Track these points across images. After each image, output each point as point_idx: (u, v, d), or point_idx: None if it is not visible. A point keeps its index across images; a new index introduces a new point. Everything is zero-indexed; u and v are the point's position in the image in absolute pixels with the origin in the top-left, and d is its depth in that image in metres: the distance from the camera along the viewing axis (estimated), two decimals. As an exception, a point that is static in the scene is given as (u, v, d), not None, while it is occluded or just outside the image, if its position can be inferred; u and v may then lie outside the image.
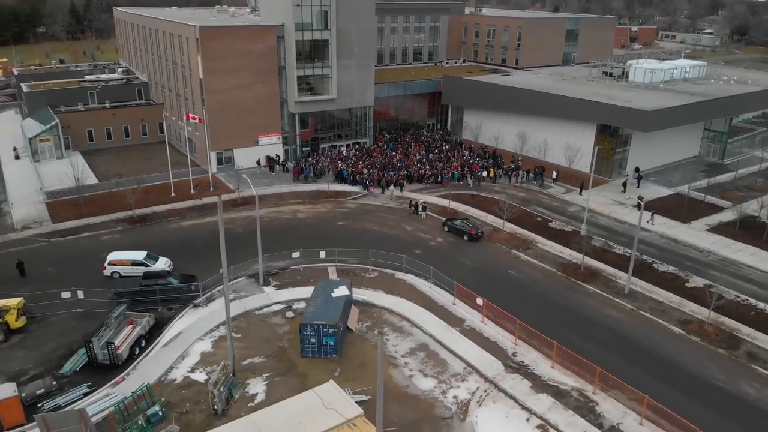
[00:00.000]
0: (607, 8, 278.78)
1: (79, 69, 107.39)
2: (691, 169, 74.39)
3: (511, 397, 33.69)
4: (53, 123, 75.63)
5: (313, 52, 71.18)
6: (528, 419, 32.22)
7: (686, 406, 33.23)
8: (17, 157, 76.53)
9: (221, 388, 32.35)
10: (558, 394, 34.14)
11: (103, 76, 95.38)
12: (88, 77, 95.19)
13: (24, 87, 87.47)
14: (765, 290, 47.01)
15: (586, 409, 33.10)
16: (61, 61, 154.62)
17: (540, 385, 34.85)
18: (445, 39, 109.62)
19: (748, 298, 45.51)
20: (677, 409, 31.81)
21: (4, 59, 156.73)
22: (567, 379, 35.29)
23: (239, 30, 68.84)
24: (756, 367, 37.80)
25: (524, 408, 32.93)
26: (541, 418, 32.21)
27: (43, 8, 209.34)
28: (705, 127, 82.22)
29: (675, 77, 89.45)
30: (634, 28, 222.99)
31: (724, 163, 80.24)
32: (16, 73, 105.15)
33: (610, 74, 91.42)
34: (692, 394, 34.92)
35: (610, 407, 33.25)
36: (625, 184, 68.03)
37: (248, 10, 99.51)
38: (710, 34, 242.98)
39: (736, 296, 45.65)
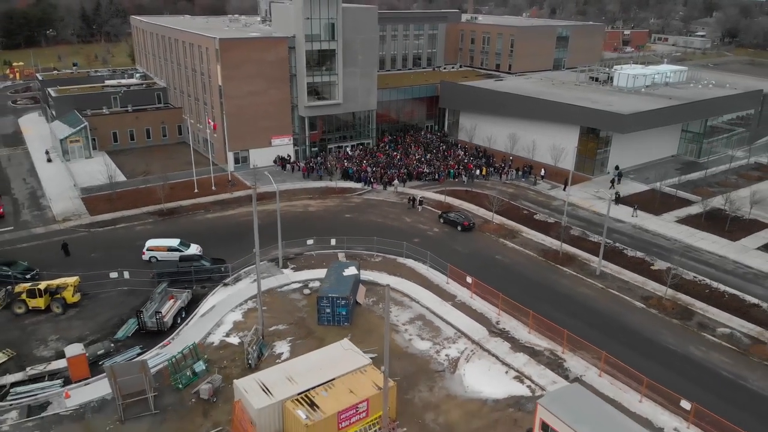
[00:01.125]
0: (603, 11, 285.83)
1: (99, 74, 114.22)
2: (668, 167, 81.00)
3: (494, 355, 40.52)
4: (82, 125, 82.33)
5: (321, 60, 78.02)
6: (507, 372, 39.05)
7: (641, 363, 39.82)
8: (49, 160, 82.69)
9: (254, 347, 39.18)
10: (533, 353, 40.97)
11: (124, 82, 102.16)
12: (108, 82, 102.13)
13: (52, 91, 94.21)
14: (720, 272, 53.81)
15: (555, 364, 39.92)
16: (74, 65, 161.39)
17: (518, 346, 41.69)
18: (442, 45, 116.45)
19: (705, 279, 52.27)
20: (633, 365, 38.55)
21: (21, 63, 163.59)
22: (541, 342, 42.12)
23: (255, 41, 75.65)
24: (705, 334, 44.52)
25: (504, 364, 39.76)
26: (517, 371, 39.03)
27: (55, 12, 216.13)
28: (682, 128, 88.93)
29: (657, 82, 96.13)
30: (627, 32, 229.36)
31: (700, 161, 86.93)
32: (40, 77, 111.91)
33: (597, 79, 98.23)
34: (647, 355, 41.60)
35: (575, 363, 40.06)
36: (613, 182, 74.62)
37: (259, 19, 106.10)
38: (702, 36, 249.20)
39: (694, 277, 52.42)
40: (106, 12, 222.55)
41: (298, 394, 32.58)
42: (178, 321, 44.35)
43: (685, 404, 34.81)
